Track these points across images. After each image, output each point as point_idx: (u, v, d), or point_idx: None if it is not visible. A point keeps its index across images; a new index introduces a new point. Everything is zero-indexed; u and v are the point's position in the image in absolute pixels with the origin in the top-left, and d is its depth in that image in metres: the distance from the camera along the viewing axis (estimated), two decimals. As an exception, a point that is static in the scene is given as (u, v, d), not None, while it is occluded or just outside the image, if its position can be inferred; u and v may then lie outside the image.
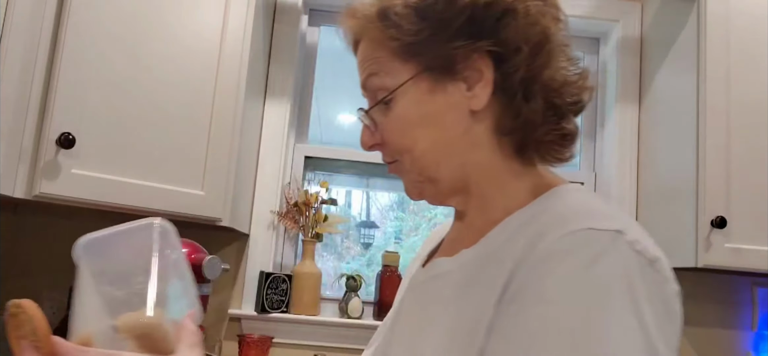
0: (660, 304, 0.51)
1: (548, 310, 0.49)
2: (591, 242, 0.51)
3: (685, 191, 1.62)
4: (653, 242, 0.55)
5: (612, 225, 0.52)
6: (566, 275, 0.50)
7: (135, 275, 0.60)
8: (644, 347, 0.48)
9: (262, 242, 1.86)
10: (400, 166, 0.66)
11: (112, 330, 0.57)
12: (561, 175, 0.67)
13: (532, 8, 0.59)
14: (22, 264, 1.75)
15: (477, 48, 0.60)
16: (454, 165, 0.63)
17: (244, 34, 1.58)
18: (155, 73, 1.46)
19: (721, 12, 1.62)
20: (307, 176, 2.02)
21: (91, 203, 1.37)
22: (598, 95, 2.11)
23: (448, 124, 0.62)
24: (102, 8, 1.40)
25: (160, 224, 0.63)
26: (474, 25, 0.59)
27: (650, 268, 0.52)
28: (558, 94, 0.62)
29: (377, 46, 0.64)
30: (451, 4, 0.59)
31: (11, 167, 1.28)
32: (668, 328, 0.51)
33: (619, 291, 0.49)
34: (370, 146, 0.67)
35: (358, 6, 0.65)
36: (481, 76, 0.61)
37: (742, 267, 1.55)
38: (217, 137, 1.52)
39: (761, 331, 1.86)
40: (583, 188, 0.64)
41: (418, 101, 0.62)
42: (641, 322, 0.49)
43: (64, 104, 1.34)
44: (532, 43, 0.59)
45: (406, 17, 0.61)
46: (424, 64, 0.62)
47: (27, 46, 1.30)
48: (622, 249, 0.51)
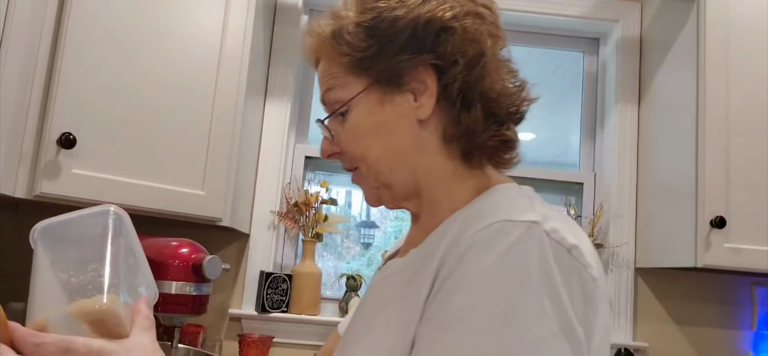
0: (578, 288, 0.55)
1: (468, 296, 0.54)
2: (508, 233, 0.55)
3: (685, 191, 1.63)
4: (576, 233, 0.59)
5: (529, 217, 0.57)
6: (484, 263, 0.55)
7: (90, 261, 0.62)
8: (560, 328, 0.52)
9: (263, 242, 1.86)
10: (359, 174, 0.72)
11: (68, 316, 0.58)
12: (505, 176, 0.72)
13: (469, 26, 0.66)
14: (23, 264, 1.75)
15: (420, 61, 0.66)
16: (405, 170, 0.69)
17: (244, 34, 1.58)
18: (156, 73, 1.46)
19: (720, 12, 1.62)
20: (307, 176, 2.02)
21: (92, 203, 1.36)
22: (597, 95, 2.11)
23: (398, 132, 0.68)
24: (102, 9, 1.40)
25: (114, 211, 0.65)
26: (416, 40, 0.66)
27: (568, 255, 0.56)
28: (496, 103, 0.67)
29: (332, 62, 0.71)
30: (394, 22, 0.66)
31: (12, 167, 1.28)
32: (587, 311, 0.55)
33: (535, 275, 0.53)
34: (328, 154, 0.74)
35: (316, 27, 0.72)
36: (426, 88, 0.67)
37: (741, 267, 1.55)
38: (217, 137, 1.52)
39: (760, 331, 1.86)
40: (517, 186, 0.69)
41: (370, 111, 0.69)
42: (557, 304, 0.53)
43: (65, 105, 1.34)
44: (468, 57, 0.65)
45: (357, 35, 0.68)
46: (374, 77, 0.68)
47: (28, 46, 1.30)
48: (538, 238, 0.55)
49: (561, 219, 0.59)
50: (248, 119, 1.68)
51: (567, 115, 2.18)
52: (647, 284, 1.92)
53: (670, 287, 1.92)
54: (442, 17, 0.65)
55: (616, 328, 1.88)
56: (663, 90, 1.85)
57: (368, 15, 0.67)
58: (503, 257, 0.54)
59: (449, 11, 0.66)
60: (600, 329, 0.57)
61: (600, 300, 0.57)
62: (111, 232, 0.64)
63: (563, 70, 2.23)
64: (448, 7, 0.66)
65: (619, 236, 1.92)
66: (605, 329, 0.59)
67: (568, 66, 2.20)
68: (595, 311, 0.56)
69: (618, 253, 1.91)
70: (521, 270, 0.54)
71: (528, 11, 2.00)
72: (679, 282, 1.92)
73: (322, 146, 0.74)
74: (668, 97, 1.81)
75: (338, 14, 0.70)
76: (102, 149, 1.38)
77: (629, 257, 1.91)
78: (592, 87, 2.13)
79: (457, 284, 0.55)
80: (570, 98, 2.17)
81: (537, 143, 2.28)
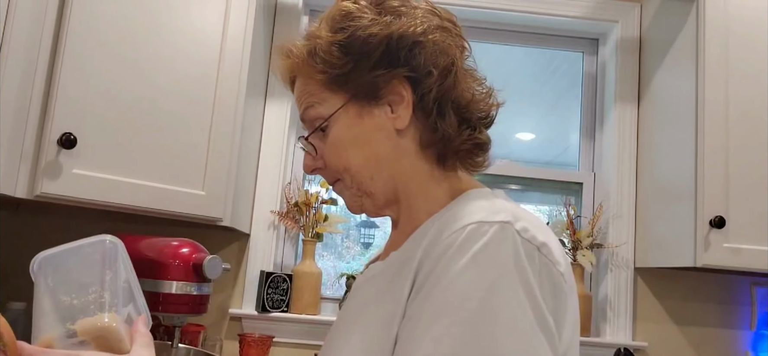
0: (548, 283, 0.59)
1: (448, 293, 0.57)
2: (482, 233, 0.59)
3: (684, 191, 1.63)
4: (544, 232, 0.63)
5: (500, 218, 0.60)
6: (461, 262, 0.58)
7: (90, 285, 0.67)
8: (535, 318, 0.56)
9: (263, 242, 1.86)
10: (342, 184, 0.75)
11: (72, 334, 0.63)
12: (476, 181, 0.77)
13: (438, 40, 0.71)
14: (24, 264, 1.75)
15: (395, 74, 0.70)
16: (384, 178, 0.73)
17: (244, 34, 1.58)
18: (156, 73, 1.47)
19: (719, 12, 1.63)
20: (307, 176, 2.02)
21: (92, 203, 1.37)
22: (597, 95, 2.12)
23: (377, 142, 0.72)
24: (103, 9, 1.40)
25: (110, 241, 0.71)
26: (390, 55, 0.70)
27: (538, 253, 0.60)
28: (467, 110, 0.72)
29: (309, 80, 0.74)
30: (368, 39, 0.70)
31: (13, 167, 1.29)
32: (556, 305, 0.60)
33: (509, 271, 0.57)
34: (312, 169, 0.77)
35: (291, 48, 0.76)
36: (402, 99, 0.71)
37: (740, 267, 1.55)
38: (217, 137, 1.53)
39: (760, 331, 1.87)
40: (489, 190, 0.73)
41: (349, 125, 0.72)
42: (531, 297, 0.57)
43: (66, 105, 1.34)
44: (440, 67, 0.70)
45: (332, 53, 0.71)
46: (352, 92, 0.72)
47: (28, 46, 1.31)
48: (510, 237, 0.59)
49: (531, 219, 0.63)
50: (248, 119, 1.68)
51: (566, 115, 2.19)
52: (647, 284, 1.92)
53: (669, 287, 1.92)
54: (413, 32, 0.70)
55: (615, 328, 1.88)
56: (662, 90, 1.85)
57: (342, 34, 0.71)
58: (478, 255, 0.58)
59: (420, 26, 0.70)
60: (569, 322, 0.61)
61: (568, 295, 0.62)
62: (109, 259, 0.70)
63: (563, 70, 2.23)
64: (418, 23, 0.71)
65: (618, 236, 1.92)
66: (575, 321, 0.64)
67: (567, 66, 2.21)
68: (565, 305, 0.61)
69: (617, 253, 1.91)
70: (497, 266, 0.57)
71: (528, 12, 2.00)
72: (679, 282, 1.92)
73: (305, 161, 0.77)
74: (668, 97, 1.81)
75: (312, 34, 0.74)
76: (103, 149, 1.39)
77: (629, 257, 1.91)
78: (592, 87, 2.13)
79: (437, 282, 0.59)
80: (569, 98, 2.18)
81: (537, 143, 2.28)
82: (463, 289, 0.57)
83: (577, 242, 1.88)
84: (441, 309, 0.57)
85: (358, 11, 0.72)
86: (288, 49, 0.76)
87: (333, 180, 0.77)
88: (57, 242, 0.73)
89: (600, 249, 1.93)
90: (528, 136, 2.24)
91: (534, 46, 2.13)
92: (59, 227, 1.76)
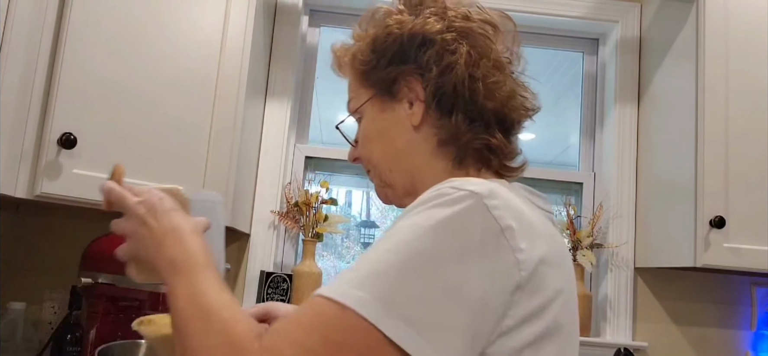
0: (489, 263, 0.56)
1: (395, 228, 0.59)
2: (449, 193, 0.59)
3: (684, 191, 1.63)
4: (519, 217, 0.60)
5: (474, 188, 0.59)
6: (423, 208, 0.59)
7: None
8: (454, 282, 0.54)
9: (263, 242, 1.87)
10: (371, 174, 0.82)
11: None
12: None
13: (450, 39, 0.74)
14: (24, 264, 1.76)
15: (405, 71, 0.75)
16: (402, 170, 0.77)
17: (244, 34, 1.58)
18: (156, 73, 1.47)
19: (719, 12, 1.63)
20: (307, 176, 2.02)
21: (92, 203, 1.37)
22: (597, 95, 2.12)
23: (395, 137, 0.77)
24: (103, 9, 1.41)
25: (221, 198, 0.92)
26: (403, 52, 0.75)
27: (500, 233, 0.57)
28: (477, 109, 0.73)
29: (350, 75, 0.83)
30: (388, 37, 0.76)
31: (13, 167, 1.29)
32: (491, 288, 0.56)
33: (455, 231, 0.56)
34: (353, 158, 0.85)
35: (343, 43, 0.84)
36: (417, 96, 0.75)
37: (740, 267, 1.55)
38: (217, 138, 1.53)
39: (760, 331, 1.87)
40: (497, 179, 0.73)
41: (374, 118, 0.79)
42: (461, 265, 0.55)
43: (66, 105, 1.34)
44: (442, 65, 0.73)
45: (364, 51, 0.79)
46: (376, 88, 0.78)
47: (28, 46, 1.31)
48: (475, 205, 0.58)
49: (511, 204, 0.61)
50: (248, 119, 1.68)
51: (567, 115, 2.19)
52: (647, 284, 1.92)
53: (669, 287, 1.92)
54: (425, 31, 0.74)
55: (615, 328, 1.88)
56: (662, 90, 1.85)
57: (373, 32, 0.78)
58: (439, 208, 0.58)
59: (436, 26, 0.74)
60: (534, 311, 0.58)
61: (529, 282, 0.58)
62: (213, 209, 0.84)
63: (563, 70, 2.23)
64: (433, 22, 0.75)
65: (618, 236, 1.92)
66: (555, 312, 0.60)
67: (567, 66, 2.21)
68: (503, 294, 0.57)
69: (617, 253, 1.91)
70: (450, 222, 0.56)
71: (528, 11, 2.00)
72: (679, 282, 1.92)
73: (349, 153, 0.86)
74: (668, 97, 1.81)
75: (357, 34, 0.81)
76: (102, 149, 1.39)
77: (629, 257, 1.91)
78: (592, 87, 2.13)
79: (401, 219, 0.61)
80: (570, 98, 2.18)
81: (537, 143, 2.28)
82: (404, 225, 0.58)
83: (577, 242, 1.88)
84: (384, 238, 0.59)
85: (389, 12, 0.78)
86: (341, 44, 0.84)
87: (366, 169, 0.83)
88: (57, 242, 0.74)
89: (600, 249, 1.93)
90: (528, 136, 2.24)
91: (534, 46, 2.13)
92: (59, 228, 1.76)
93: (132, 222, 0.72)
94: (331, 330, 0.52)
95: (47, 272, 1.74)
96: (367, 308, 0.52)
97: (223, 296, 0.61)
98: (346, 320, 0.52)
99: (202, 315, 0.58)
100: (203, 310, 0.59)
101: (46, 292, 1.71)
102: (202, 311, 0.59)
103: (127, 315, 1.46)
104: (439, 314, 0.53)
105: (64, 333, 1.46)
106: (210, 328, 0.57)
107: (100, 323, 1.43)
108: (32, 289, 1.72)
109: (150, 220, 0.70)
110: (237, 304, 0.61)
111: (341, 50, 0.83)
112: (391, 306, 0.52)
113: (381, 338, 0.51)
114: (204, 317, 0.58)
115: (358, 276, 0.55)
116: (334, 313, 0.53)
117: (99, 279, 1.41)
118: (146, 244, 0.70)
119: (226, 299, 0.61)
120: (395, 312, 0.52)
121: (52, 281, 1.72)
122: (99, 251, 1.46)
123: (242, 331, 0.56)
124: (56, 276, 1.72)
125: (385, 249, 0.56)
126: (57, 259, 1.74)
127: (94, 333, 1.42)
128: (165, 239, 0.68)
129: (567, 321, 0.63)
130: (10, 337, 1.56)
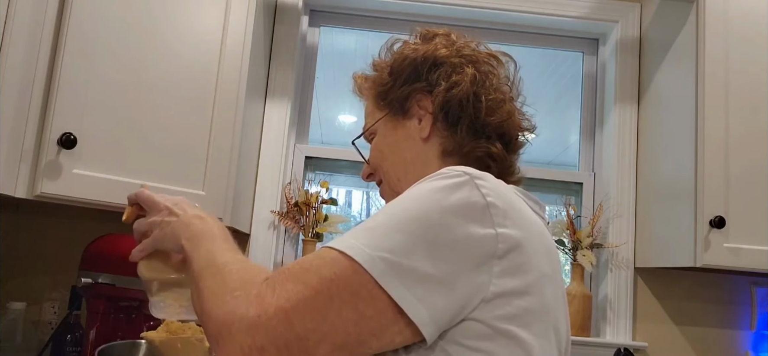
0: (471, 228, 0.62)
1: (398, 199, 0.67)
2: (446, 173, 0.67)
3: (684, 191, 1.63)
4: (505, 200, 0.66)
5: (468, 171, 0.67)
6: (421, 183, 0.67)
7: None
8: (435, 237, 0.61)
9: (263, 242, 1.87)
10: (382, 185, 0.91)
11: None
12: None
13: (457, 63, 0.84)
14: (24, 264, 1.76)
15: (415, 88, 0.85)
16: (411, 180, 0.79)
17: (244, 34, 1.58)
18: (156, 73, 1.47)
19: (719, 12, 1.63)
20: (307, 176, 2.02)
21: (92, 203, 1.37)
22: (597, 95, 2.12)
23: (405, 149, 0.86)
24: (103, 9, 1.40)
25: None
26: (415, 73, 0.85)
27: (485, 207, 0.63)
28: (480, 123, 0.82)
29: (367, 98, 0.94)
30: (404, 61, 0.86)
31: (12, 167, 1.29)
32: (467, 250, 0.61)
33: (444, 197, 0.63)
34: (366, 175, 0.94)
35: (363, 74, 0.95)
36: (426, 112, 0.84)
37: (740, 267, 1.55)
38: (217, 138, 1.53)
39: (760, 331, 1.87)
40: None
41: (386, 134, 0.89)
42: (443, 223, 0.61)
43: (66, 105, 1.34)
44: (450, 82, 0.82)
45: (383, 75, 0.89)
46: (390, 107, 0.88)
47: (28, 46, 1.31)
48: (467, 182, 0.65)
49: (502, 189, 0.67)
50: (248, 119, 1.68)
51: (566, 115, 2.19)
52: (647, 284, 1.92)
53: (669, 287, 1.92)
54: (436, 54, 0.85)
55: (615, 328, 1.88)
56: (662, 90, 1.85)
57: (391, 60, 0.89)
58: (429, 180, 0.66)
59: (444, 50, 0.85)
60: (517, 289, 0.63)
61: (506, 256, 0.63)
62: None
63: (563, 70, 2.23)
64: (443, 47, 0.85)
65: (618, 235, 1.92)
66: (542, 294, 0.65)
67: (567, 66, 2.21)
68: (493, 260, 0.62)
69: (617, 253, 1.91)
70: (436, 186, 0.65)
71: (528, 11, 2.00)
72: (679, 282, 1.92)
73: (363, 169, 0.94)
74: (668, 97, 1.81)
75: (377, 63, 0.92)
76: (103, 149, 1.39)
77: (629, 257, 1.91)
78: (592, 87, 2.13)
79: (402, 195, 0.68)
80: (569, 98, 2.18)
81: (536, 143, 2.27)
82: (406, 195, 0.66)
83: (577, 242, 1.88)
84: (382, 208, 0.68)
85: (405, 43, 0.90)
86: (360, 74, 0.96)
87: (378, 182, 0.92)
88: (57, 242, 0.74)
89: (600, 249, 1.93)
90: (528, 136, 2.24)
91: (534, 46, 2.13)
92: (59, 228, 1.76)
93: (160, 215, 0.84)
94: (326, 270, 0.61)
95: (47, 272, 1.74)
96: (356, 252, 0.60)
97: (238, 256, 0.71)
98: (340, 262, 0.61)
99: (220, 270, 0.67)
100: (221, 266, 0.68)
101: (46, 292, 1.71)
102: (220, 268, 0.67)
103: (127, 315, 1.46)
104: (421, 265, 0.60)
105: (64, 333, 1.46)
106: (226, 277, 0.65)
107: (100, 323, 1.42)
108: (32, 289, 1.72)
109: (178, 210, 0.83)
110: (251, 262, 0.70)
111: (361, 78, 0.95)
112: (376, 251, 0.60)
113: (370, 280, 0.59)
114: (221, 270, 0.67)
115: (355, 231, 0.64)
116: (330, 256, 0.62)
117: (99, 279, 1.41)
118: (173, 229, 0.80)
119: (240, 258, 0.70)
120: (378, 256, 0.60)
121: (52, 281, 1.72)
122: (99, 251, 1.46)
123: (253, 272, 0.65)
124: (56, 276, 1.72)
125: (381, 213, 0.65)
126: (57, 259, 1.74)
127: (94, 333, 1.42)
128: (191, 222, 0.80)
129: (554, 306, 0.68)
130: (10, 337, 1.56)
